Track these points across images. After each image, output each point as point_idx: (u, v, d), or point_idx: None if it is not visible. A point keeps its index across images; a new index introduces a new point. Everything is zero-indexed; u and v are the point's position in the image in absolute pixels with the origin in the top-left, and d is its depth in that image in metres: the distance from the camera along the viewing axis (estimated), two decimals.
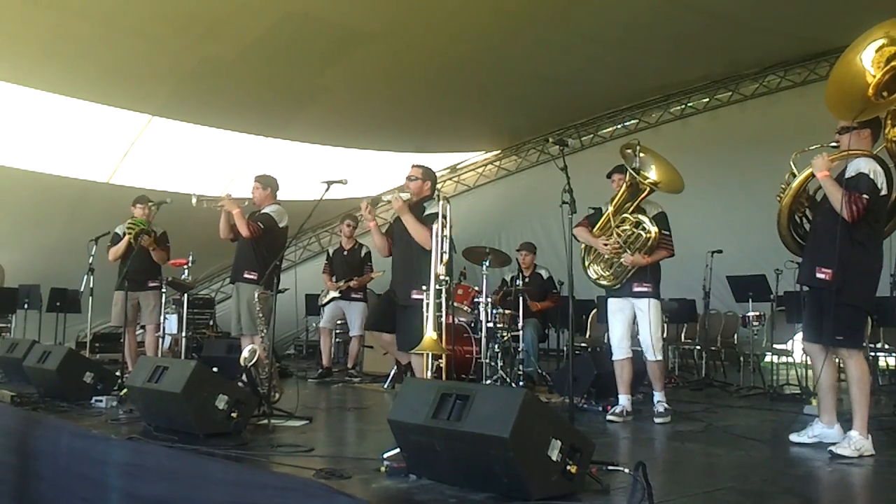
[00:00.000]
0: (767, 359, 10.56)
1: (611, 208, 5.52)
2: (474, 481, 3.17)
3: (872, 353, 8.19)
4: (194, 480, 3.80)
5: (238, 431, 4.53)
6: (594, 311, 10.26)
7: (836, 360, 4.60)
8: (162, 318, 7.51)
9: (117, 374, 6.38)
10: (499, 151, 14.81)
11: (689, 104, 13.51)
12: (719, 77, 12.94)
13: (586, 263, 5.73)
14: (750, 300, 8.50)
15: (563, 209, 4.39)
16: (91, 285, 7.23)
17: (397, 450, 3.81)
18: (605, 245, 5.54)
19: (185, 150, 10.81)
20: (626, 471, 3.20)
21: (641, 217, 5.44)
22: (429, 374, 4.68)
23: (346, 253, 9.04)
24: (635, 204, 5.48)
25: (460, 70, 10.40)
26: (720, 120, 13.28)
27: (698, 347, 10.07)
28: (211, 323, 11.39)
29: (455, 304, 7.10)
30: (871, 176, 4.26)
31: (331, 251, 9.38)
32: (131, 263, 7.04)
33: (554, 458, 3.04)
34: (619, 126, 14.00)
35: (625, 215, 5.49)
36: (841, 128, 4.46)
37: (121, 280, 7.12)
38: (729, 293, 9.11)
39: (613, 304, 5.71)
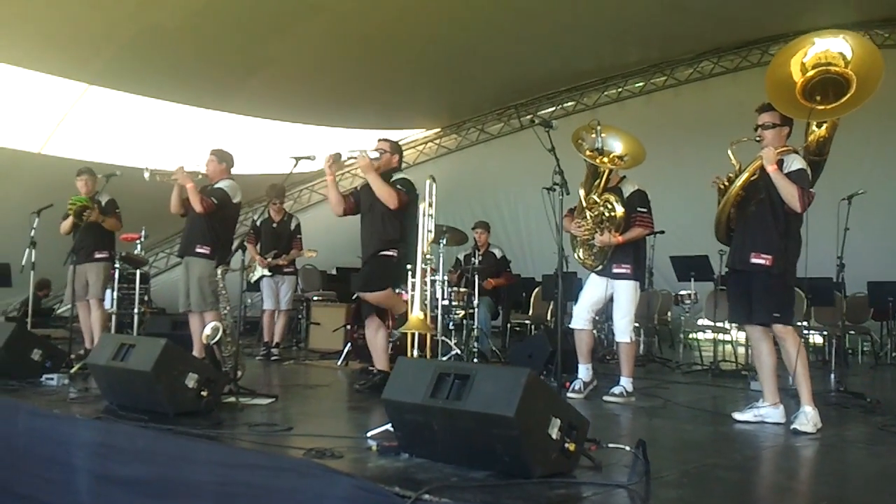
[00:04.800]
0: (692, 336, 11.03)
1: (581, 192, 5.57)
2: (473, 460, 3.19)
3: (806, 332, 8.54)
4: (174, 461, 3.71)
5: (209, 410, 4.45)
6: (537, 289, 10.41)
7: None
8: (109, 293, 7.24)
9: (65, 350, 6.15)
10: (439, 129, 14.82)
11: (625, 87, 13.79)
12: (655, 62, 13.25)
13: (574, 247, 5.77)
14: (692, 280, 8.75)
15: (552, 194, 4.35)
16: (33, 259, 6.96)
17: (381, 428, 3.82)
18: (579, 228, 5.59)
19: (123, 120, 10.43)
20: (629, 448, 3.28)
21: (608, 196, 5.50)
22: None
23: (275, 225, 8.58)
24: (603, 183, 5.52)
25: (406, 46, 10.36)
26: (655, 104, 13.60)
27: (636, 325, 10.32)
28: (146, 298, 11.02)
29: None
30: (808, 172, 4.54)
31: (258, 221, 8.72)
32: (80, 237, 6.80)
33: (554, 437, 3.08)
34: (557, 107, 14.17)
35: (593, 196, 5.54)
36: (763, 123, 4.66)
37: (69, 254, 6.84)
38: (671, 273, 9.36)
39: (593, 277, 5.73)
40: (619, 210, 5.42)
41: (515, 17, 9.88)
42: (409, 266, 5.01)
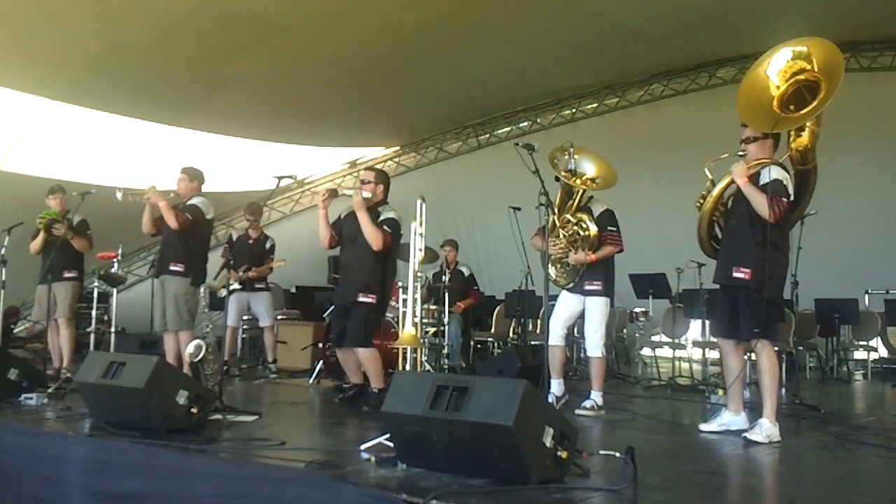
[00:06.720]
0: (647, 353, 11.36)
1: (555, 211, 5.79)
2: (471, 468, 3.36)
3: None
4: (174, 475, 3.79)
5: (199, 427, 4.54)
6: (499, 306, 10.62)
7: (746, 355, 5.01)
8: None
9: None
10: (398, 148, 14.99)
11: (579, 108, 14.16)
12: (608, 84, 13.64)
13: (547, 264, 5.96)
14: (651, 297, 9.06)
15: (524, 213, 4.57)
16: (3, 278, 6.92)
17: (374, 441, 3.97)
18: (553, 246, 5.80)
19: (86, 137, 10.37)
20: (619, 455, 3.48)
21: (582, 216, 5.73)
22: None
23: (251, 242, 8.73)
24: (576, 203, 5.76)
25: (366, 66, 10.52)
26: (608, 124, 13.96)
27: None
28: (106, 318, 10.85)
29: None
30: (785, 182, 4.67)
31: (234, 236, 8.96)
32: (53, 256, 6.80)
33: (548, 445, 3.28)
34: (513, 127, 14.48)
35: (566, 216, 5.77)
36: (746, 137, 4.79)
37: (43, 273, 6.84)
38: (625, 290, 9.65)
39: (565, 294, 5.94)
40: (593, 229, 5.66)
41: (474, 39, 10.15)
42: (400, 284, 5.15)
